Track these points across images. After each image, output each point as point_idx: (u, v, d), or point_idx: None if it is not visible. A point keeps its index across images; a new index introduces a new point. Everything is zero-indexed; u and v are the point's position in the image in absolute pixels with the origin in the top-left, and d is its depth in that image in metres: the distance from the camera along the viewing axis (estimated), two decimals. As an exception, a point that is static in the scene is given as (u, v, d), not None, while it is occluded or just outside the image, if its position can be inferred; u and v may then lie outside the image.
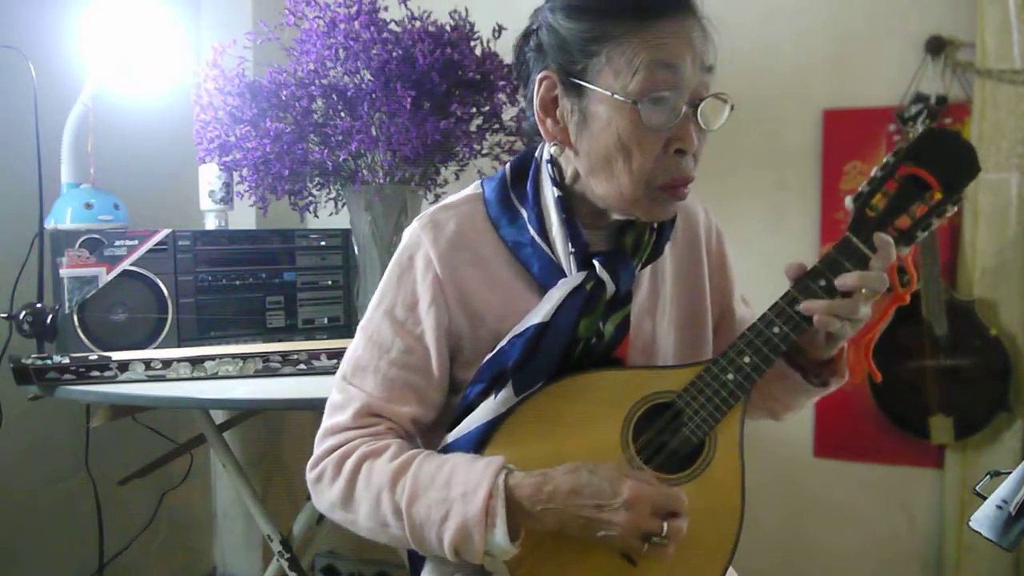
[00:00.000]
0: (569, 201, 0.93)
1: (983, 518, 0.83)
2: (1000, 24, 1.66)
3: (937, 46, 1.75)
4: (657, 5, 0.84)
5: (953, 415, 1.75)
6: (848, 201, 0.89)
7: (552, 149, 0.92)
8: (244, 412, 1.89)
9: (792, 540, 1.96)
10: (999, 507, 0.83)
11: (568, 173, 0.94)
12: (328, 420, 0.95)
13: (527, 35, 0.94)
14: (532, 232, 0.93)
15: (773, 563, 1.95)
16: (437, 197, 1.70)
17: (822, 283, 0.88)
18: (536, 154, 0.98)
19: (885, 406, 1.82)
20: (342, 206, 1.70)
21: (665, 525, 0.80)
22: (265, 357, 1.42)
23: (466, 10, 1.61)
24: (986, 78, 1.68)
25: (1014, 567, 1.72)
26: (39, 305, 1.50)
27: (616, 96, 0.85)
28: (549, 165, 0.95)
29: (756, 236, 1.90)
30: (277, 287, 1.68)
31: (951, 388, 1.74)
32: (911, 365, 1.76)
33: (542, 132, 0.92)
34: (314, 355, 1.44)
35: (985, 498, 0.85)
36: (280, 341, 1.65)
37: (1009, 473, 0.85)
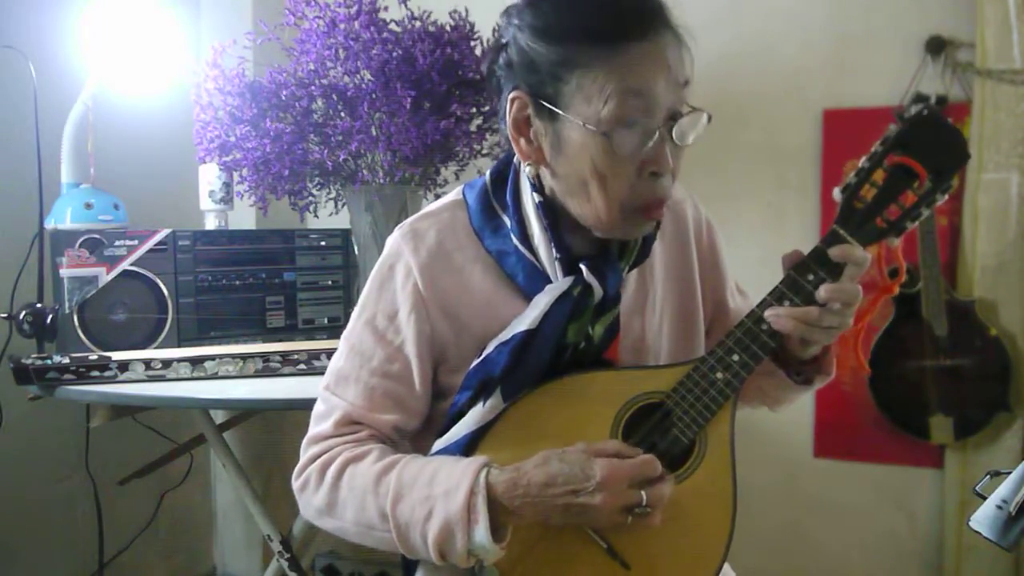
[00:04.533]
0: (551, 207, 0.92)
1: (983, 518, 0.83)
2: (1000, 24, 1.66)
3: (937, 46, 1.75)
4: (625, 29, 0.82)
5: (953, 415, 1.74)
6: (836, 192, 0.87)
7: (527, 169, 0.91)
8: (244, 412, 1.89)
9: (792, 540, 1.96)
10: (999, 507, 0.82)
11: (547, 187, 0.92)
12: (312, 429, 0.95)
13: (497, 49, 0.91)
14: (515, 241, 0.92)
15: (773, 563, 1.95)
16: (437, 197, 1.70)
17: (810, 278, 0.86)
18: (514, 159, 0.96)
19: (885, 406, 1.82)
20: (342, 206, 1.70)
21: (644, 495, 0.80)
22: (265, 357, 1.42)
23: (466, 10, 1.61)
24: (986, 78, 1.68)
25: (1014, 567, 1.72)
26: (39, 305, 1.50)
27: (588, 126, 0.83)
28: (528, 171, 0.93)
29: (756, 235, 1.90)
30: (277, 287, 1.68)
31: (951, 388, 1.74)
32: (911, 365, 1.76)
33: (516, 151, 0.91)
34: (314, 355, 1.44)
35: (985, 498, 0.85)
36: (280, 341, 1.65)
37: (1009, 473, 0.85)
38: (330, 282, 1.74)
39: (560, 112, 0.85)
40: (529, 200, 0.93)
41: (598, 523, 0.82)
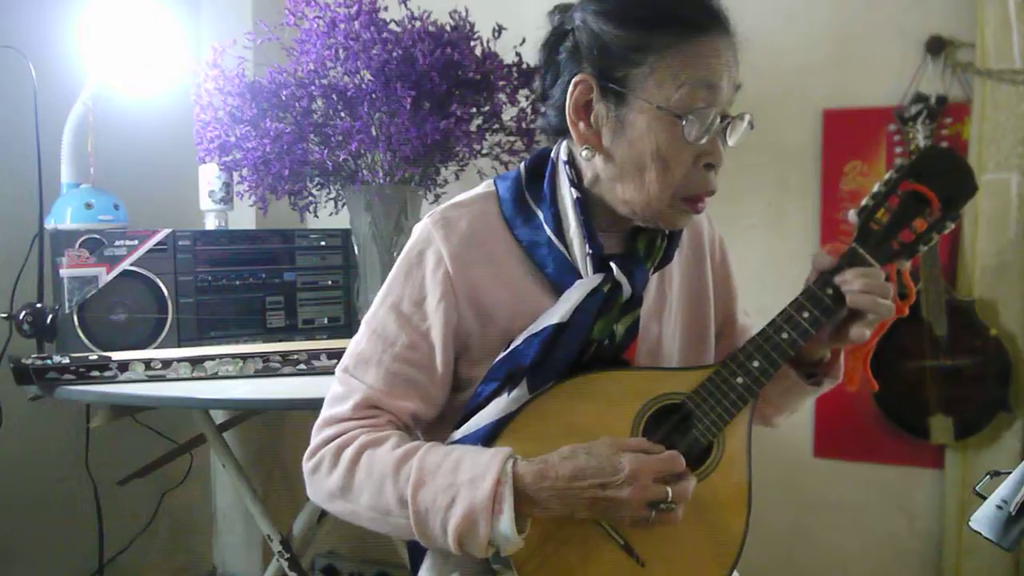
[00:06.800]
0: (586, 203, 0.94)
1: (983, 518, 0.83)
2: (1000, 24, 1.66)
3: (937, 46, 1.75)
4: (704, 22, 0.86)
5: (953, 415, 1.75)
6: (852, 215, 0.91)
7: (583, 153, 0.92)
8: (244, 412, 1.89)
9: (792, 540, 1.95)
10: (999, 507, 0.83)
11: (587, 176, 0.94)
12: (327, 411, 0.94)
13: (562, 34, 0.93)
14: (548, 232, 0.93)
15: (774, 562, 1.95)
16: (437, 197, 1.70)
17: (829, 291, 0.89)
18: (552, 154, 0.98)
19: (885, 406, 1.82)
20: (342, 206, 1.70)
21: (669, 490, 0.80)
22: (265, 357, 1.42)
23: (466, 10, 1.61)
24: (986, 78, 1.68)
25: (1014, 567, 1.72)
26: (39, 305, 1.50)
27: (659, 108, 0.86)
28: (567, 166, 0.95)
29: (756, 236, 1.90)
30: (277, 287, 1.68)
31: (951, 388, 1.74)
32: (911, 365, 1.76)
33: (574, 135, 0.92)
34: (314, 355, 1.44)
35: (985, 498, 0.85)
36: (280, 341, 1.65)
37: (1009, 473, 0.85)
38: (330, 282, 1.74)
39: (629, 94, 0.87)
40: (567, 194, 0.94)
41: (623, 517, 0.83)
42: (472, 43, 1.59)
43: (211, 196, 1.77)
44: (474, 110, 1.60)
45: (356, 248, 1.69)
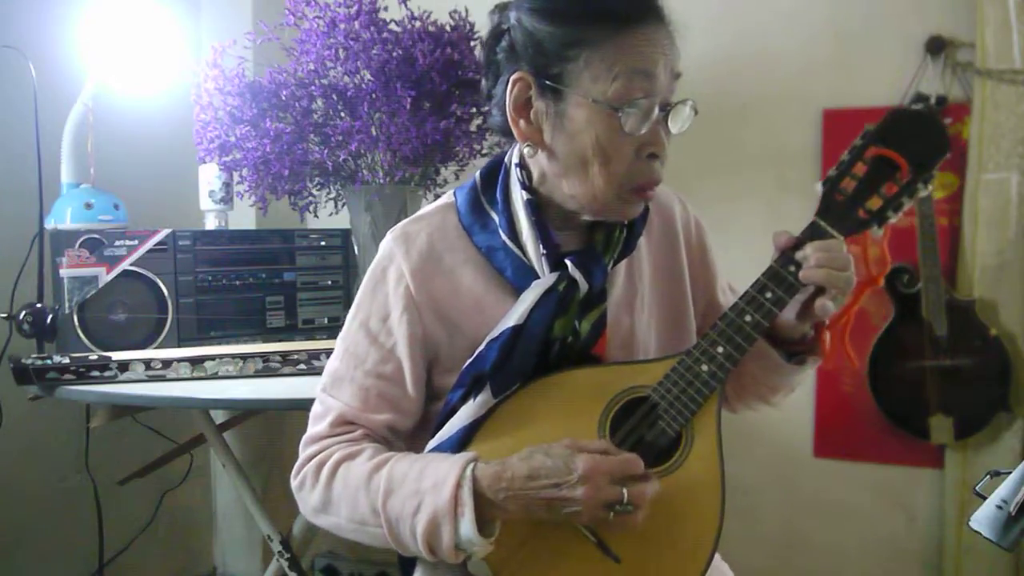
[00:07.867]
0: (538, 203, 0.94)
1: (983, 518, 0.83)
2: (1000, 24, 1.66)
3: (937, 46, 1.75)
4: (636, 13, 0.86)
5: (953, 415, 1.74)
6: (817, 186, 0.89)
7: (525, 150, 0.93)
8: (244, 412, 1.89)
9: (792, 540, 1.95)
10: (999, 507, 0.83)
11: (535, 175, 0.95)
12: (309, 429, 0.97)
13: (498, 35, 0.94)
14: (503, 236, 0.94)
15: (773, 562, 1.95)
16: (437, 197, 1.70)
17: (792, 268, 0.88)
18: (505, 159, 0.99)
19: (885, 406, 1.82)
20: (342, 206, 1.70)
21: (625, 492, 0.80)
22: (265, 357, 1.42)
23: (466, 10, 1.61)
24: (986, 78, 1.68)
25: (1014, 567, 1.72)
26: (39, 305, 1.50)
27: (595, 101, 0.86)
28: (518, 169, 0.95)
29: (755, 236, 1.89)
30: (277, 287, 1.68)
31: (951, 388, 1.74)
32: (911, 365, 1.76)
33: (515, 133, 0.92)
34: (314, 355, 1.44)
35: (985, 498, 0.85)
36: (280, 341, 1.65)
37: (1009, 473, 0.85)
38: (330, 282, 1.74)
39: (566, 90, 0.87)
40: (518, 197, 0.94)
41: (580, 518, 0.83)
42: (472, 43, 1.59)
43: (211, 196, 1.77)
44: (474, 110, 1.60)
45: (356, 248, 1.69)
